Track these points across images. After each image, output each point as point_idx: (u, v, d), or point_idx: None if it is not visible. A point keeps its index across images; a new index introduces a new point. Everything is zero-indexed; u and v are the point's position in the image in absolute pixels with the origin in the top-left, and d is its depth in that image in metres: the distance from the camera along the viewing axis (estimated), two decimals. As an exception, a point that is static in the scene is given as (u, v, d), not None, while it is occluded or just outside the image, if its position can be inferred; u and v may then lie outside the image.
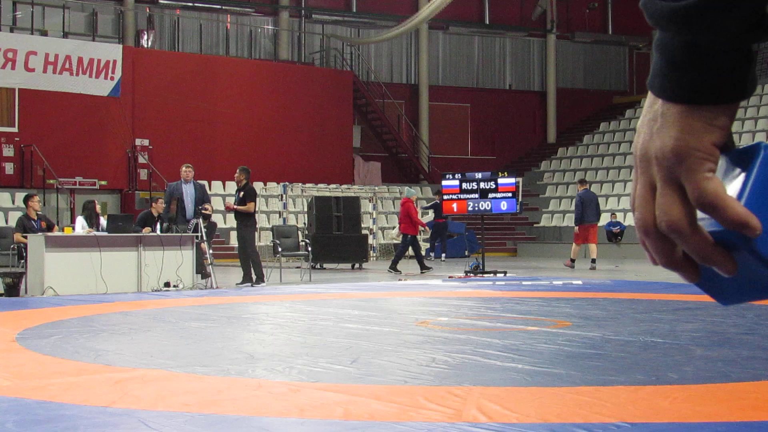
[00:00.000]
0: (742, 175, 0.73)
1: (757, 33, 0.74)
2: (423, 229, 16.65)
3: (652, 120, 0.77)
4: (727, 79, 0.74)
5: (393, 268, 15.45)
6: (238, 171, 12.62)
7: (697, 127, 0.74)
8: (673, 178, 0.74)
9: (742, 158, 0.74)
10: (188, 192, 12.31)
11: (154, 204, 12.79)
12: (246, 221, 12.52)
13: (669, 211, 0.74)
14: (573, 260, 16.56)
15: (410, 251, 16.46)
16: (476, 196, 14.36)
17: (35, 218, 12.18)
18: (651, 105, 0.78)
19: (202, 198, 12.38)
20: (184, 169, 12.55)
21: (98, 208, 11.96)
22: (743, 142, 26.35)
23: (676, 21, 0.73)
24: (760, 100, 27.21)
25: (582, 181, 17.08)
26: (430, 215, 21.14)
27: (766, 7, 0.73)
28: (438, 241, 20.82)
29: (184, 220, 11.98)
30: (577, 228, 16.47)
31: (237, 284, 12.28)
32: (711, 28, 0.72)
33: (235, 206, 12.46)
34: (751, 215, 0.71)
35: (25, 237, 11.37)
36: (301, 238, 16.12)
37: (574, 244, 16.72)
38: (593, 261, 16.43)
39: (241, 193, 12.46)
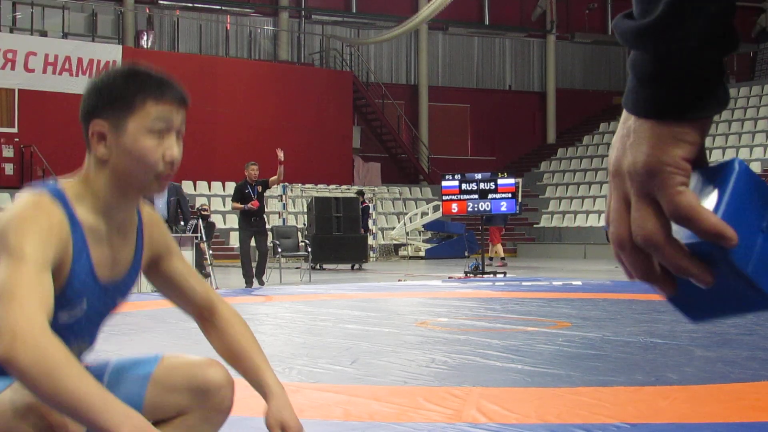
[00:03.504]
0: (717, 190, 0.75)
1: (721, 45, 0.75)
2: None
3: (625, 136, 0.79)
4: (692, 95, 0.76)
5: None
6: (255, 166, 12.25)
7: (667, 142, 0.76)
8: (647, 192, 0.76)
9: (716, 174, 0.76)
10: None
11: None
12: (262, 218, 12.30)
13: (644, 225, 0.76)
14: (502, 258, 18.47)
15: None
16: (476, 196, 14.36)
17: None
18: (624, 121, 0.80)
19: (176, 198, 12.27)
20: None
21: None
22: (743, 142, 25.95)
23: (642, 38, 0.76)
24: (760, 101, 27.20)
25: None
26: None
27: (727, 19, 0.75)
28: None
29: None
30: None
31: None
32: (672, 42, 0.75)
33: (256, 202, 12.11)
34: (726, 226, 0.72)
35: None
36: (300, 238, 16.12)
37: (491, 245, 18.70)
38: (502, 259, 18.49)
39: (260, 187, 12.15)
